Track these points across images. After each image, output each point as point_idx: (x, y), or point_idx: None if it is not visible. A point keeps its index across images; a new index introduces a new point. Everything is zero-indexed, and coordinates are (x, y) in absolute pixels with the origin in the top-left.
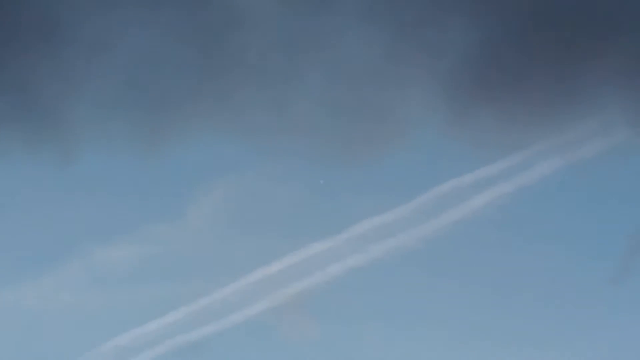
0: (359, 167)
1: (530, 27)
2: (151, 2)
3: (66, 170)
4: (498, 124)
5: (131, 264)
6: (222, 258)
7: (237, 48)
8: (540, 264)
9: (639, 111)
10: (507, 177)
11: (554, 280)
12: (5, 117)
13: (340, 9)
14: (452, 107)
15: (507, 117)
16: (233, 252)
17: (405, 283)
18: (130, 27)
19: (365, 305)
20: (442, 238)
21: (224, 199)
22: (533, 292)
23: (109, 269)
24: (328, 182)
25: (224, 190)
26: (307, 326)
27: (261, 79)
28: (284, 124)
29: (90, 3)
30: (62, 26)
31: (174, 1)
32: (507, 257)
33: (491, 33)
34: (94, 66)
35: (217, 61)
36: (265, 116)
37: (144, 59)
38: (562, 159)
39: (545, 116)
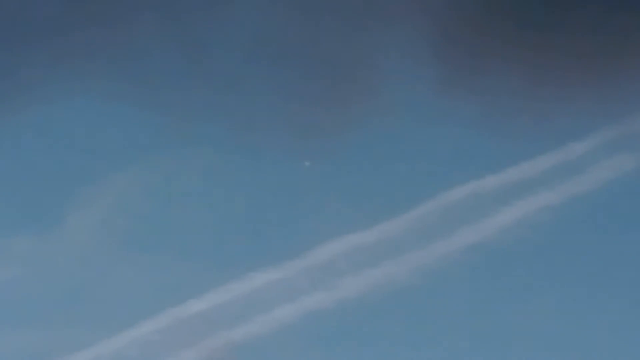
0: (325, 157)
1: None
2: None
3: None
4: (528, 92)
5: None
6: (117, 291)
7: None
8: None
9: None
10: (548, 181)
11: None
12: None
13: None
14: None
15: (544, 79)
16: (133, 282)
17: (391, 337)
18: None
19: None
20: (449, 270)
21: (122, 201)
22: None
23: None
24: (274, 181)
25: (122, 188)
26: None
27: (169, 15)
28: (202, 82)
29: None
30: None
31: None
32: (543, 300)
33: None
34: None
35: None
36: (180, 75)
37: None
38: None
39: (606, 83)
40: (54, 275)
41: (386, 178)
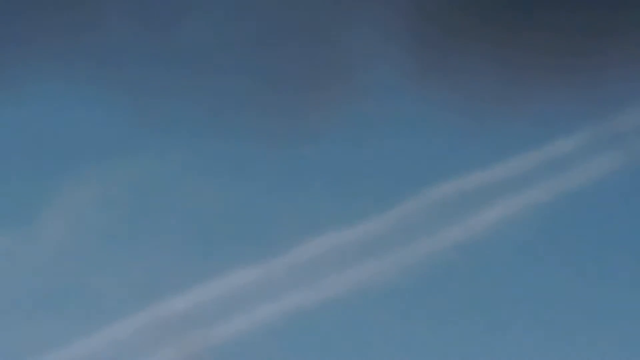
0: (306, 153)
1: None
2: None
3: None
4: (515, 87)
5: None
6: (93, 288)
7: None
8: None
9: None
10: (535, 178)
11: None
12: None
13: None
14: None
15: (531, 74)
16: (110, 280)
17: (375, 336)
18: None
19: None
20: (434, 268)
21: (100, 197)
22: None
23: None
24: (257, 176)
25: (100, 183)
26: None
27: None
28: (177, 66)
29: None
30: None
31: None
32: (530, 298)
33: None
34: None
35: None
36: (151, 64)
37: None
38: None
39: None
40: (28, 273)
41: (370, 174)
